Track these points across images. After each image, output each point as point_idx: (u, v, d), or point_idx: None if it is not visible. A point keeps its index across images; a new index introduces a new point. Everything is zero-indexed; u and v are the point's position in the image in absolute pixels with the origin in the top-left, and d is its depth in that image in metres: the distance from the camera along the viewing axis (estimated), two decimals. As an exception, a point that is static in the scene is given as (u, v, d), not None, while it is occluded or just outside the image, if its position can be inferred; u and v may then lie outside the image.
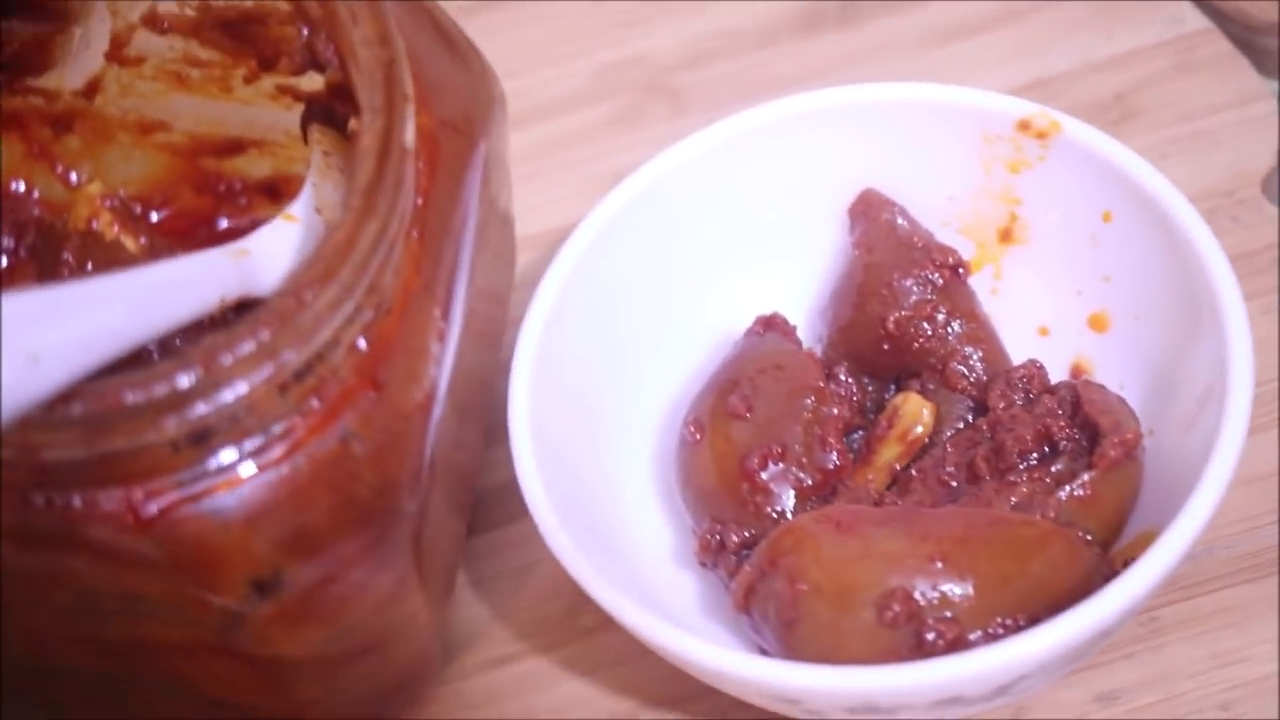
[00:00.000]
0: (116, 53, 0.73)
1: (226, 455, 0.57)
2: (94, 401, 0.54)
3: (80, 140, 0.76)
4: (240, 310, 0.66)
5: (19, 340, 0.50)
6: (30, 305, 0.52)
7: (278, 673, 0.62)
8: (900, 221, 0.72)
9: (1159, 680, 0.68)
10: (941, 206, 0.73)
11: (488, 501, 0.75)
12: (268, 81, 0.73)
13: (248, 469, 0.57)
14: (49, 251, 0.73)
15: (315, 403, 0.58)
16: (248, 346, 0.55)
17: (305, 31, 0.65)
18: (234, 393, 0.55)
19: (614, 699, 0.71)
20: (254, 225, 0.77)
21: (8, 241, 0.76)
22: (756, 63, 0.87)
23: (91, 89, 0.74)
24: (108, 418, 0.54)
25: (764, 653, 0.66)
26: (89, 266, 0.72)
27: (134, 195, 0.76)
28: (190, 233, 0.78)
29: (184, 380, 0.55)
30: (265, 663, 0.61)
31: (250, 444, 0.57)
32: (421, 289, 0.61)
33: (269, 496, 0.58)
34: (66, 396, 0.54)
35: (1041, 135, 0.70)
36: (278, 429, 0.58)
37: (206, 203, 0.78)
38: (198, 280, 0.61)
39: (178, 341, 0.63)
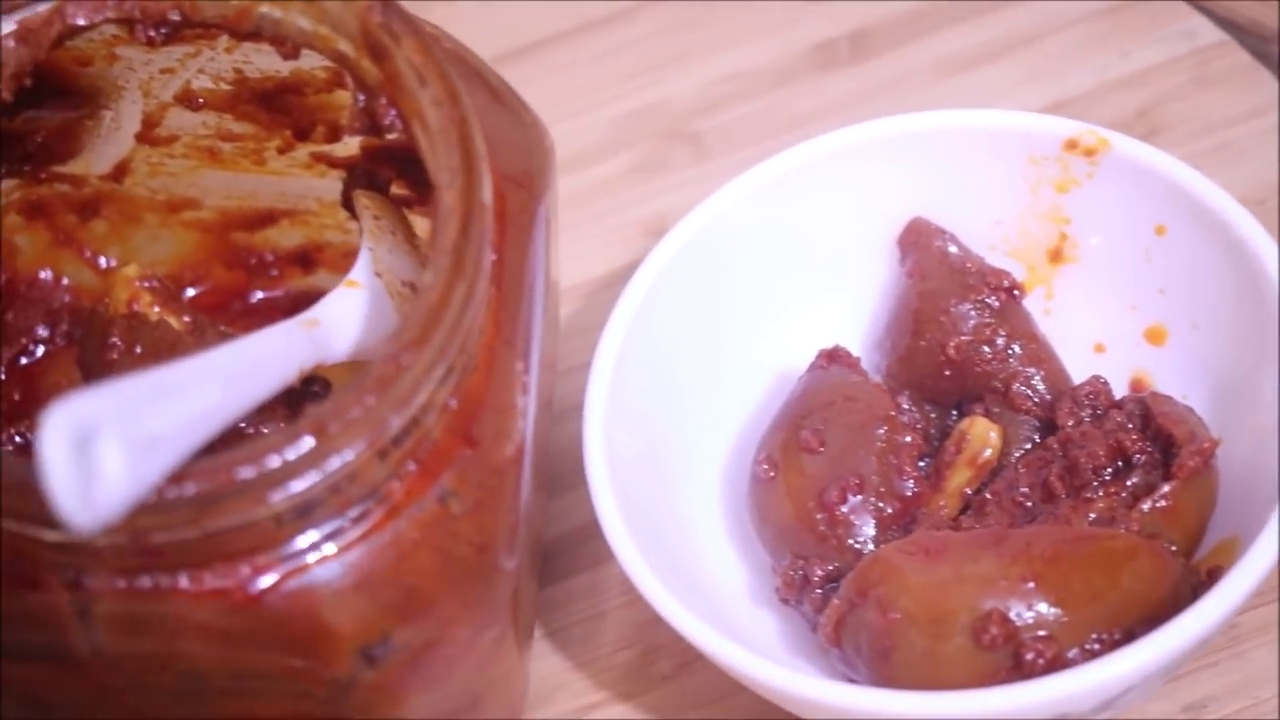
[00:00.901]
0: (147, 133, 0.73)
1: (330, 525, 0.58)
2: (206, 480, 0.54)
3: (107, 224, 0.76)
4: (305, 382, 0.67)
5: (137, 427, 0.51)
6: (141, 391, 0.52)
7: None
8: (951, 248, 0.73)
9: (1244, 687, 0.69)
10: (988, 231, 0.74)
11: (551, 554, 0.75)
12: (302, 150, 0.74)
13: (351, 537, 0.58)
14: (94, 337, 0.73)
15: (412, 465, 0.58)
16: (355, 414, 0.55)
17: (361, 97, 0.65)
18: (341, 461, 0.55)
19: (700, 742, 0.71)
20: (288, 297, 0.77)
21: (43, 330, 0.75)
22: (774, 103, 0.88)
23: (120, 171, 0.74)
24: (219, 496, 0.54)
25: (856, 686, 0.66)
26: (138, 349, 0.72)
27: (165, 275, 0.76)
28: (224, 307, 0.78)
29: (295, 452, 0.55)
30: (371, 730, 0.61)
31: (353, 512, 0.58)
32: (503, 344, 0.62)
33: (374, 563, 0.58)
34: (177, 477, 0.54)
35: (1090, 153, 0.71)
36: (378, 494, 0.58)
37: (238, 277, 0.78)
38: (280, 353, 0.62)
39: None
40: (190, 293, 0.77)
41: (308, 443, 0.55)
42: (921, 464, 0.71)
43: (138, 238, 0.76)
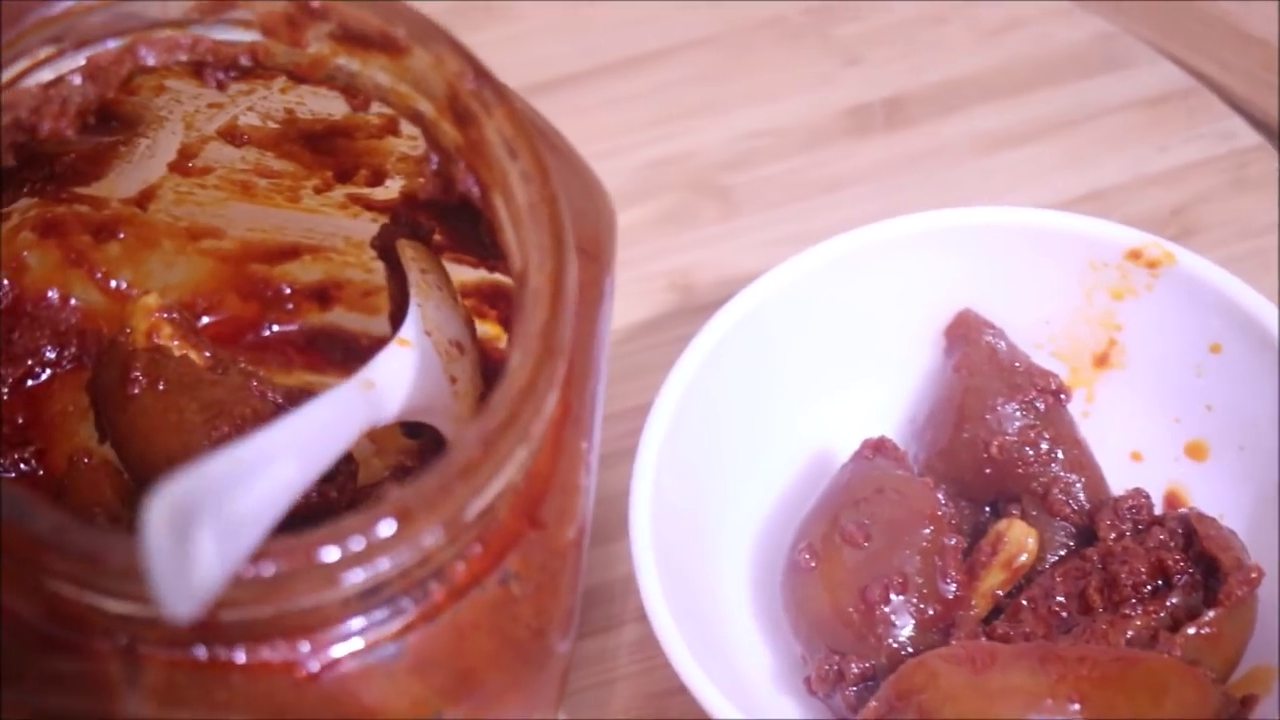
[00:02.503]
0: (181, 164, 0.71)
1: (393, 605, 0.56)
2: (286, 561, 0.53)
3: (121, 247, 0.74)
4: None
5: (228, 509, 0.49)
6: (228, 470, 0.51)
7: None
8: (1000, 344, 0.72)
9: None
10: (1036, 329, 0.73)
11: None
12: (339, 191, 0.72)
13: (412, 617, 0.57)
14: (114, 368, 0.71)
15: (478, 546, 0.57)
16: (440, 498, 0.54)
17: (435, 159, 0.63)
18: (420, 546, 0.54)
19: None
20: (302, 332, 0.75)
21: (50, 353, 0.73)
22: (806, 164, 0.87)
23: (145, 197, 0.73)
24: (295, 576, 0.53)
25: (881, 786, 0.65)
26: (161, 385, 0.70)
27: (176, 302, 0.74)
28: (236, 339, 0.76)
29: (378, 535, 0.53)
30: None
31: (416, 592, 0.56)
32: (571, 423, 0.61)
33: (432, 644, 0.57)
34: (256, 557, 0.52)
35: (1153, 265, 0.70)
36: (442, 575, 0.57)
37: (252, 308, 0.76)
38: (341, 418, 0.60)
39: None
40: (203, 322, 0.75)
41: (391, 526, 0.54)
42: (955, 561, 0.71)
43: (151, 262, 0.75)
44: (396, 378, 0.65)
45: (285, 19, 0.63)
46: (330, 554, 0.53)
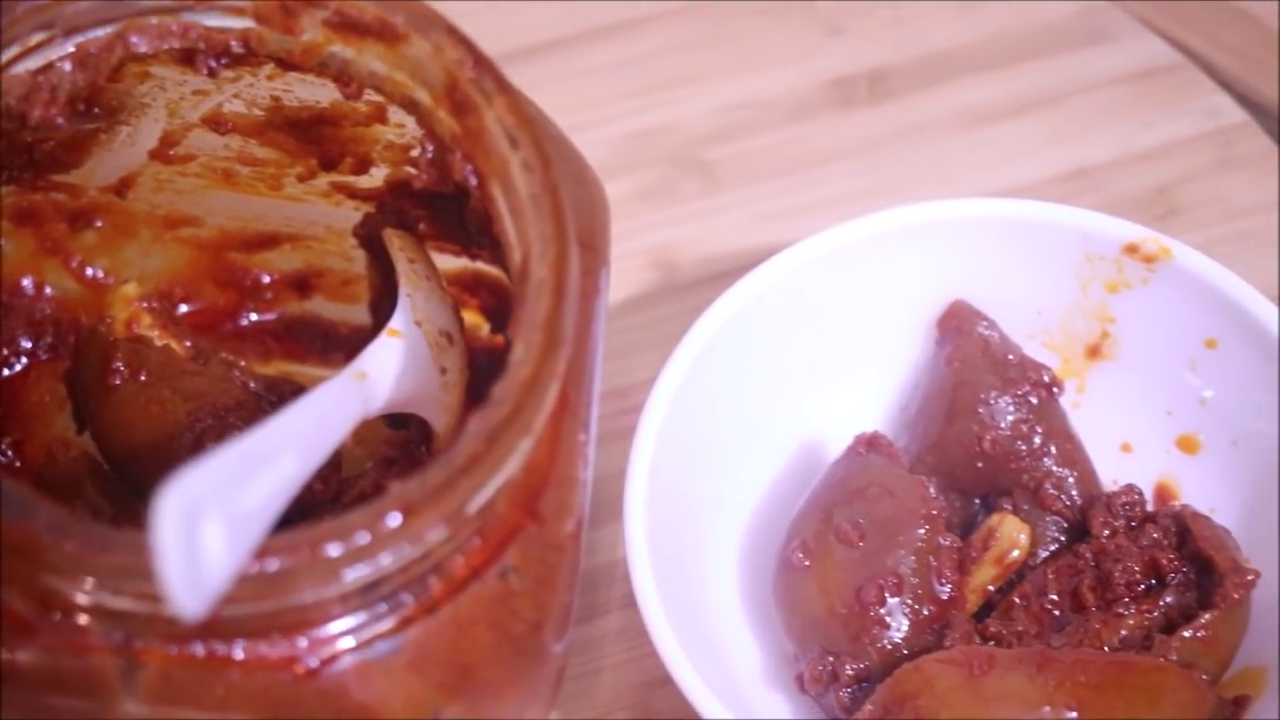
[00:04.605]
0: (163, 151, 0.70)
1: (392, 601, 0.56)
2: (289, 556, 0.52)
3: (97, 235, 0.73)
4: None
5: (234, 505, 0.49)
6: (232, 466, 0.51)
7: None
8: (993, 335, 0.71)
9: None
10: (1029, 320, 0.73)
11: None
12: (322, 179, 0.71)
13: (411, 612, 0.57)
14: (94, 358, 0.69)
15: (477, 540, 0.57)
16: (444, 492, 0.54)
17: (430, 148, 0.61)
18: (423, 541, 0.53)
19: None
20: (281, 320, 0.74)
21: (26, 342, 0.71)
22: (790, 138, 0.86)
23: (124, 185, 0.72)
24: (298, 572, 0.53)
25: (875, 787, 0.65)
26: (142, 376, 0.68)
27: (153, 291, 0.73)
28: (214, 328, 0.75)
29: (382, 529, 0.53)
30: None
31: (416, 587, 0.56)
32: (569, 415, 0.61)
33: (432, 640, 0.57)
34: (259, 553, 0.52)
35: (1149, 259, 0.70)
36: (442, 569, 0.57)
37: (230, 297, 0.75)
38: (337, 410, 0.60)
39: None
40: (180, 310, 0.74)
41: (396, 520, 0.53)
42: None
43: (128, 251, 0.73)
44: (387, 369, 0.65)
45: (280, 6, 0.62)
46: (335, 549, 0.53)
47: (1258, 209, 0.82)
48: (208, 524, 0.48)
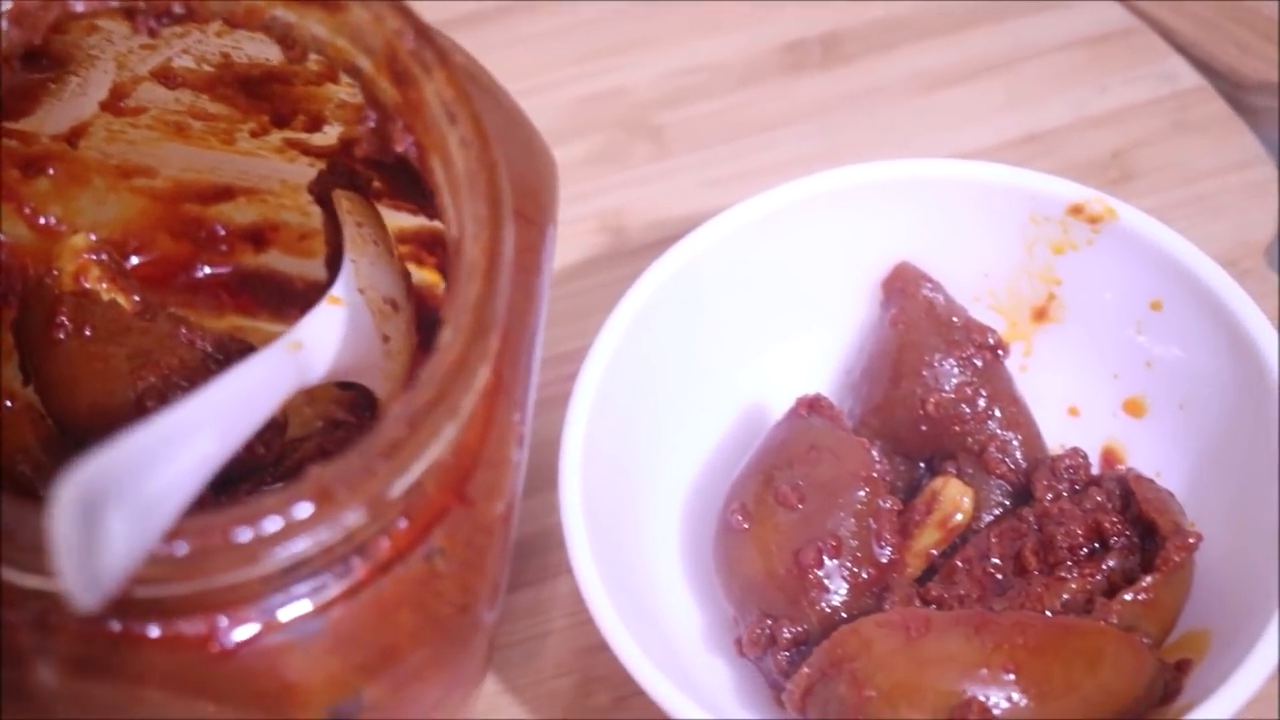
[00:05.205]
0: (114, 103, 0.68)
1: (314, 581, 0.54)
2: (199, 540, 0.50)
3: (51, 182, 0.71)
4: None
5: (138, 491, 0.47)
6: (141, 450, 0.49)
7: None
8: (938, 298, 0.70)
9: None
10: (975, 282, 0.71)
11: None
12: (275, 135, 0.69)
13: (333, 594, 0.55)
14: (39, 311, 0.68)
15: (403, 522, 0.55)
16: (360, 478, 0.52)
17: (373, 116, 0.60)
18: (344, 525, 0.52)
19: (632, 783, 0.69)
20: (236, 274, 0.73)
21: None
22: (741, 102, 0.84)
23: (76, 134, 0.70)
24: (211, 555, 0.51)
25: (813, 750, 0.64)
26: (87, 331, 0.67)
27: (106, 240, 0.72)
28: (168, 280, 0.74)
29: (296, 515, 0.51)
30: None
31: (338, 568, 0.54)
32: (503, 395, 0.58)
33: (354, 621, 0.55)
34: (170, 535, 0.50)
35: (1095, 220, 0.69)
36: (366, 551, 0.55)
37: (185, 249, 0.74)
38: (267, 383, 0.58)
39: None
40: (133, 261, 0.73)
41: (309, 507, 0.52)
42: (888, 519, 0.69)
43: (82, 200, 0.72)
44: (326, 337, 0.63)
45: (221, -33, 0.60)
46: (245, 535, 0.51)
47: (1212, 173, 0.80)
48: (109, 512, 0.47)
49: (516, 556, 0.72)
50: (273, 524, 0.51)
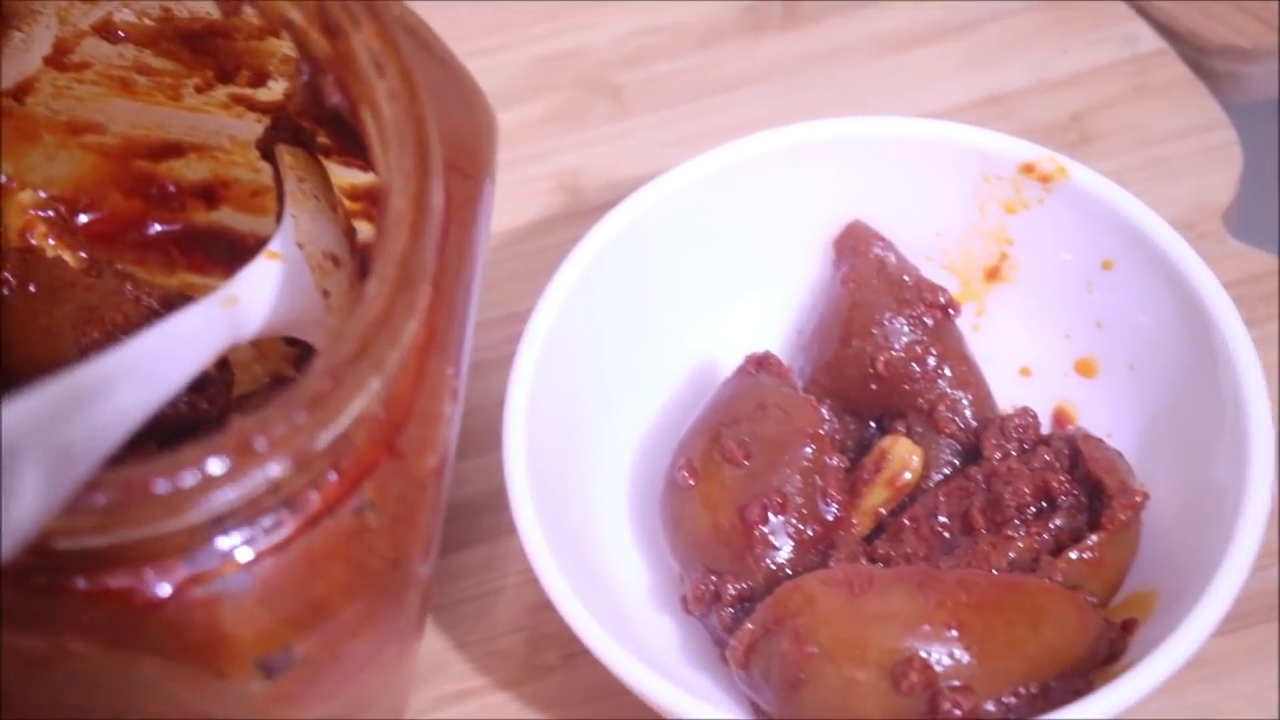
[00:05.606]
0: (58, 58, 0.68)
1: (241, 534, 0.53)
2: (119, 492, 0.50)
3: (-1, 139, 0.70)
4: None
5: (54, 440, 0.46)
6: (59, 400, 0.48)
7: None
8: (889, 256, 0.69)
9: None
10: (928, 241, 0.71)
11: (450, 519, 0.71)
12: (221, 91, 0.69)
13: (262, 547, 0.54)
14: None
15: (333, 476, 0.54)
16: (282, 430, 0.51)
17: (306, 70, 0.60)
18: (265, 477, 0.51)
19: (579, 740, 0.68)
20: (187, 231, 0.72)
21: None
22: (701, 62, 0.83)
23: (22, 90, 0.69)
24: (131, 507, 0.50)
25: (755, 706, 0.64)
26: (31, 287, 0.67)
27: (57, 196, 0.71)
28: (119, 237, 0.73)
29: (217, 467, 0.50)
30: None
31: (266, 520, 0.54)
32: (435, 349, 0.57)
33: (283, 574, 0.54)
34: (89, 485, 0.49)
35: (1046, 179, 0.68)
36: (294, 504, 0.54)
37: (136, 205, 0.73)
38: (195, 337, 0.57)
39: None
40: (84, 219, 0.72)
41: (227, 459, 0.51)
42: (838, 477, 0.68)
43: (33, 156, 0.71)
44: (262, 292, 0.62)
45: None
46: (164, 486, 0.50)
47: (1172, 137, 0.79)
48: (22, 462, 0.46)
49: (470, 513, 0.72)
50: (191, 476, 0.50)
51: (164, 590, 0.53)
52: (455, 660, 0.70)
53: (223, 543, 0.53)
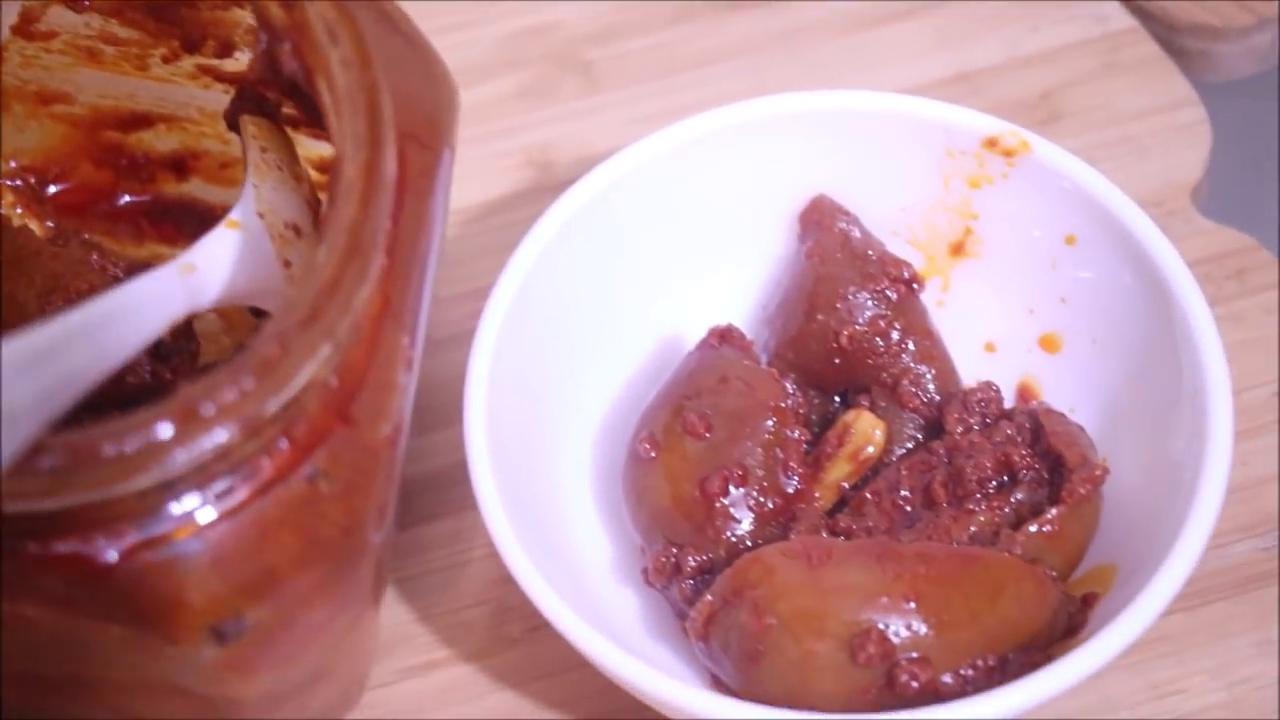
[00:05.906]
0: (24, 27, 0.67)
1: (191, 500, 0.53)
2: (65, 455, 0.49)
3: (-33, 108, 0.70)
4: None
5: (2, 400, 0.46)
6: (7, 360, 0.47)
7: (227, 708, 0.58)
8: (854, 231, 0.69)
9: (1099, 709, 0.67)
10: (893, 216, 0.70)
11: (415, 493, 0.71)
12: (188, 61, 0.68)
13: (214, 513, 0.53)
14: None
15: (284, 443, 0.54)
16: (230, 396, 0.51)
17: (264, 39, 0.59)
18: (212, 442, 0.51)
19: (543, 712, 0.68)
20: (157, 202, 0.72)
21: None
22: (672, 39, 0.83)
23: None
24: (78, 470, 0.50)
25: (715, 678, 0.63)
26: None
27: (28, 167, 0.71)
28: (89, 208, 0.73)
29: (163, 432, 0.50)
30: (215, 700, 0.57)
31: (217, 486, 0.53)
32: (390, 318, 0.57)
33: (234, 541, 0.54)
34: (36, 448, 0.49)
35: (1009, 153, 0.67)
36: (246, 471, 0.53)
37: (106, 176, 0.73)
38: (149, 304, 0.57)
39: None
40: (54, 190, 0.71)
41: (174, 425, 0.50)
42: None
43: (4, 126, 0.71)
44: (221, 261, 0.61)
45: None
46: (111, 450, 0.49)
47: (1142, 114, 0.78)
48: None
49: (437, 486, 0.72)
50: (138, 439, 0.50)
51: (114, 555, 0.52)
52: (420, 632, 0.69)
53: (174, 508, 0.52)
